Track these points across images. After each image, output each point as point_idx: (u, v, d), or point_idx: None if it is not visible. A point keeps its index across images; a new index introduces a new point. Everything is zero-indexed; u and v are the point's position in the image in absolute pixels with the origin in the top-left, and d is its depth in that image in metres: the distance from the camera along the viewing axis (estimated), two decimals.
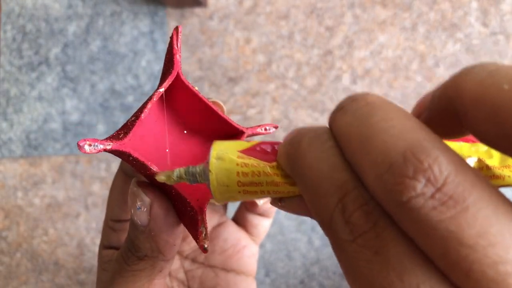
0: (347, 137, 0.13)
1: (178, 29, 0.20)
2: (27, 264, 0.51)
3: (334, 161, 0.13)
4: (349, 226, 0.12)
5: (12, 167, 0.51)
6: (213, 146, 0.16)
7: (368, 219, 0.12)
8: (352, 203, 0.12)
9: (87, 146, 0.16)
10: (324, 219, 0.13)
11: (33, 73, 0.52)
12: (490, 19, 0.50)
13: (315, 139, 0.14)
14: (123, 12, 0.51)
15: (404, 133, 0.12)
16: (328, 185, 0.13)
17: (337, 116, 0.14)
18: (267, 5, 0.51)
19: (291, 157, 0.14)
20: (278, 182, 0.16)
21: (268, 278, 0.50)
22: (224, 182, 0.16)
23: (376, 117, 0.12)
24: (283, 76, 0.50)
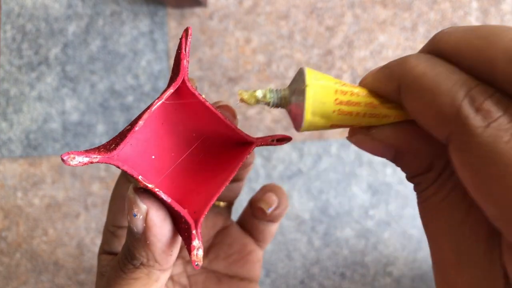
0: (464, 41, 0.13)
1: (188, 31, 0.19)
2: (26, 264, 0.51)
3: (449, 67, 0.13)
4: (482, 113, 0.12)
5: (11, 167, 0.51)
6: (307, 71, 0.16)
7: (499, 105, 0.12)
8: (481, 94, 0.13)
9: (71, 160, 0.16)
10: (449, 114, 0.13)
11: (33, 73, 0.51)
12: (490, 19, 0.50)
13: (423, 56, 0.14)
14: (123, 12, 0.51)
15: None
16: (449, 84, 0.13)
17: (444, 37, 0.14)
18: (267, 5, 0.51)
19: (396, 74, 0.15)
20: (376, 104, 0.15)
21: (268, 279, 0.50)
22: (322, 98, 0.15)
23: (489, 26, 0.13)
24: (283, 76, 0.50)
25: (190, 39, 0.19)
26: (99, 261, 0.23)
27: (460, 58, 0.14)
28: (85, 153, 0.16)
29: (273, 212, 0.25)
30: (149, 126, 0.19)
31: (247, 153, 0.19)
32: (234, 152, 0.20)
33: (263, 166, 0.50)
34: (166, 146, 0.20)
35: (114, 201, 0.23)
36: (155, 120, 0.19)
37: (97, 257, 0.24)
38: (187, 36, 0.19)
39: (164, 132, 0.20)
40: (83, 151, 0.16)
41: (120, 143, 0.17)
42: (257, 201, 0.25)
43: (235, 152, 0.20)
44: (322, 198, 0.49)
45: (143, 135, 0.19)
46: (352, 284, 0.49)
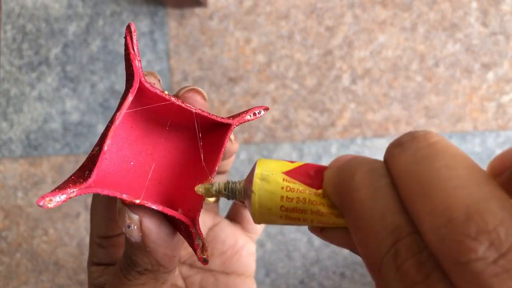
0: (406, 178, 0.12)
1: (130, 27, 0.17)
2: (27, 264, 0.51)
3: (389, 202, 0.12)
4: (400, 274, 0.11)
5: (12, 167, 0.51)
6: (258, 165, 0.16)
7: (420, 269, 0.11)
8: (406, 250, 0.12)
9: (48, 203, 0.15)
10: (373, 261, 0.12)
11: (33, 73, 0.52)
12: (490, 19, 0.50)
13: (370, 174, 0.13)
14: (123, 12, 0.52)
15: (469, 187, 0.11)
16: (381, 227, 0.12)
17: (395, 153, 0.13)
18: (267, 5, 0.51)
19: (341, 188, 0.14)
20: (323, 213, 0.15)
21: (268, 278, 0.50)
22: (267, 205, 0.15)
23: (439, 162, 0.12)
24: (283, 76, 0.50)
25: (135, 36, 0.17)
26: (90, 273, 0.22)
27: (402, 191, 0.12)
28: (60, 191, 0.15)
29: None
30: (118, 135, 0.18)
31: (227, 136, 0.19)
32: (214, 139, 0.19)
33: None
34: (141, 148, 0.19)
35: (95, 211, 0.22)
36: (123, 127, 0.19)
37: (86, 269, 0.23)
38: (131, 34, 0.17)
39: (136, 135, 0.19)
40: (57, 190, 0.15)
41: (94, 169, 0.16)
42: None
43: (216, 139, 0.19)
44: None
45: (115, 146, 0.18)
46: (352, 284, 0.49)
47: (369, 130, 0.49)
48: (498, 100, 0.50)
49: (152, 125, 0.19)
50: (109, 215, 0.21)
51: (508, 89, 0.50)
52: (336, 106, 0.50)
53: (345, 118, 0.50)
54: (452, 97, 0.50)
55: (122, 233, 0.22)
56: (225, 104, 0.50)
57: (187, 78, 0.51)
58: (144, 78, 0.17)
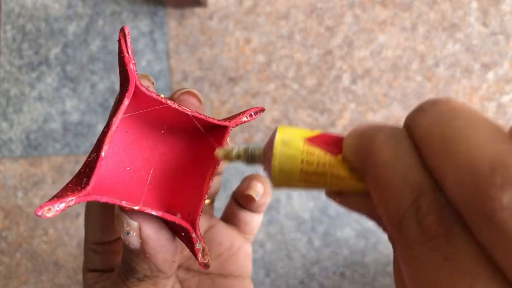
0: (428, 138, 0.12)
1: (124, 30, 0.17)
2: (27, 264, 0.51)
3: (411, 162, 0.13)
4: (422, 227, 0.12)
5: (12, 167, 0.51)
6: (278, 130, 0.16)
7: (441, 223, 0.12)
8: (427, 206, 0.12)
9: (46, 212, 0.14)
10: (394, 218, 0.13)
11: (33, 73, 0.52)
12: (490, 19, 0.50)
13: (392, 137, 0.13)
14: (123, 12, 0.52)
15: (492, 142, 0.11)
16: (403, 185, 0.12)
17: (417, 117, 0.13)
18: (267, 5, 0.51)
19: (363, 151, 0.14)
20: (343, 176, 0.15)
21: (268, 278, 0.50)
22: (287, 168, 0.15)
23: (461, 121, 0.12)
24: (283, 76, 0.50)
25: (129, 39, 0.17)
26: (85, 279, 0.22)
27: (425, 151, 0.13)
28: (58, 199, 0.15)
29: (260, 200, 0.25)
30: (114, 140, 0.18)
31: (225, 139, 0.19)
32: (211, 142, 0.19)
33: None
34: (137, 152, 0.19)
35: (90, 217, 0.22)
36: (118, 131, 0.18)
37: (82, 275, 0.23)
38: (125, 37, 0.17)
39: (131, 139, 0.19)
40: (55, 199, 0.15)
41: (91, 176, 0.16)
42: (244, 190, 0.25)
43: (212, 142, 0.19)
44: (322, 198, 0.49)
45: (110, 151, 0.18)
46: (352, 284, 0.49)
47: None
48: (498, 100, 0.50)
49: (148, 128, 0.19)
50: (104, 220, 0.21)
51: (508, 89, 0.50)
52: (336, 106, 0.50)
53: (345, 118, 0.50)
54: (452, 97, 0.50)
55: (117, 239, 0.21)
56: (225, 104, 0.50)
57: (187, 78, 0.51)
58: (139, 82, 0.17)
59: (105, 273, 0.22)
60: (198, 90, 0.50)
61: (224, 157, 0.17)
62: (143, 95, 0.17)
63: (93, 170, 0.16)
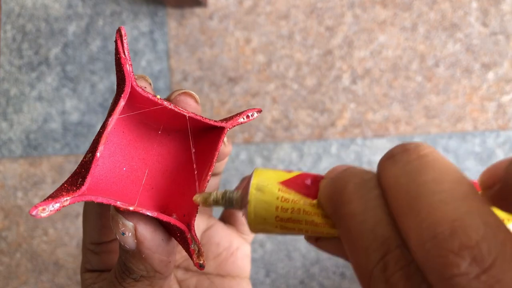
0: (394, 191, 0.12)
1: (121, 31, 0.17)
2: (27, 264, 0.51)
3: (379, 214, 0.12)
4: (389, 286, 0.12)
5: (12, 167, 0.51)
6: (254, 175, 0.16)
7: (408, 283, 0.11)
8: (394, 263, 0.12)
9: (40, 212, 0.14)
10: (363, 273, 0.12)
11: (33, 73, 0.52)
12: (490, 19, 0.50)
13: (362, 186, 0.13)
14: (123, 12, 0.52)
15: (454, 201, 0.11)
16: (370, 239, 0.12)
17: (386, 165, 0.13)
18: (267, 5, 0.51)
19: (334, 200, 0.14)
20: (318, 223, 0.15)
21: (268, 278, 0.50)
22: (262, 215, 0.15)
23: (427, 175, 0.12)
24: (283, 76, 0.50)
25: (126, 40, 0.17)
26: (83, 280, 0.22)
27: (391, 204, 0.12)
28: (53, 200, 0.15)
29: None
30: (110, 140, 0.18)
31: (221, 140, 0.19)
32: (208, 143, 0.19)
33: (263, 166, 0.50)
34: (133, 153, 0.19)
35: (87, 217, 0.21)
36: (115, 131, 0.18)
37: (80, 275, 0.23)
38: (121, 38, 0.17)
39: (128, 139, 0.19)
40: (50, 199, 0.15)
41: (87, 176, 0.16)
42: None
43: (209, 142, 0.19)
44: None
45: (106, 151, 0.18)
46: (352, 284, 0.49)
47: (369, 130, 0.49)
48: (498, 100, 0.50)
49: (144, 129, 0.19)
50: (101, 221, 0.21)
51: (508, 89, 0.50)
52: (336, 106, 0.50)
53: (345, 118, 0.50)
54: (452, 97, 0.50)
55: (115, 239, 0.21)
56: (225, 104, 0.50)
57: (187, 78, 0.51)
58: (135, 83, 0.17)
59: (103, 273, 0.22)
60: (198, 90, 0.50)
61: (203, 202, 0.17)
62: (139, 96, 0.17)
63: (88, 171, 0.16)
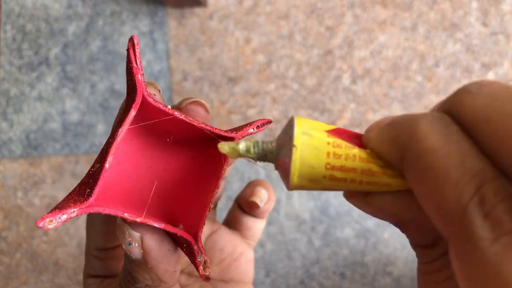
0: (484, 121, 0.11)
1: (133, 40, 0.17)
2: (27, 264, 0.51)
3: (466, 146, 0.11)
4: (490, 221, 0.10)
5: (12, 167, 0.51)
6: (296, 121, 0.14)
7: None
8: (494, 194, 0.10)
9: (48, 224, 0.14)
10: (452, 212, 0.11)
11: (33, 73, 0.52)
12: (490, 19, 0.50)
13: (437, 122, 0.12)
14: (123, 12, 0.51)
15: None
16: (460, 172, 0.11)
17: (465, 99, 0.12)
18: (267, 5, 0.51)
19: (402, 140, 0.12)
20: (375, 171, 0.13)
21: (268, 279, 0.50)
22: (310, 162, 0.13)
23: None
24: (283, 76, 0.50)
25: (138, 49, 0.17)
26: (86, 285, 0.22)
27: (483, 134, 0.11)
28: (60, 211, 0.15)
29: (264, 206, 0.25)
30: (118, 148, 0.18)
31: None
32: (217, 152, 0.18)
33: (263, 166, 0.50)
34: (141, 162, 0.19)
35: (92, 223, 0.21)
36: (123, 140, 0.18)
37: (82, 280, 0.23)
38: (134, 47, 0.17)
39: (135, 147, 0.18)
40: (57, 210, 0.15)
41: (95, 187, 0.15)
42: (248, 196, 0.25)
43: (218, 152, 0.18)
44: (322, 198, 0.49)
45: (114, 160, 0.18)
46: (352, 284, 0.49)
47: None
48: None
49: (152, 137, 0.19)
50: (107, 227, 0.21)
51: None
52: (336, 106, 0.50)
53: (345, 118, 0.49)
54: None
55: (119, 245, 0.21)
56: (225, 104, 0.50)
57: (187, 78, 0.51)
58: (147, 93, 0.17)
59: (107, 279, 0.22)
60: (198, 90, 0.50)
61: (230, 152, 0.15)
62: (150, 106, 0.17)
63: (96, 182, 0.16)
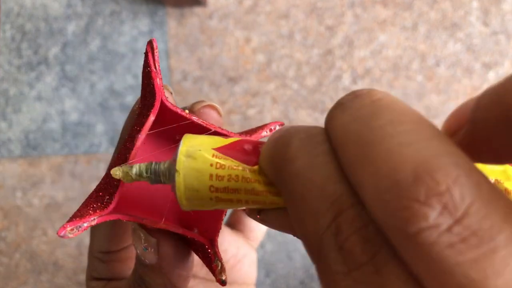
0: (344, 140, 0.10)
1: (152, 43, 0.16)
2: (26, 265, 0.51)
3: (328, 170, 0.10)
4: (343, 254, 0.10)
5: (11, 167, 0.51)
6: (183, 141, 0.14)
7: (366, 247, 0.09)
8: (348, 225, 0.10)
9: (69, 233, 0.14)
10: (312, 242, 0.10)
11: (32, 73, 0.51)
12: (491, 19, 0.50)
13: (307, 141, 0.11)
14: (122, 12, 0.51)
15: (417, 143, 0.09)
16: (319, 199, 0.10)
17: (334, 114, 0.11)
18: (267, 5, 0.51)
19: (276, 161, 0.12)
20: (259, 191, 0.13)
21: (268, 279, 0.50)
22: (194, 186, 0.13)
23: (382, 119, 0.10)
24: (283, 76, 0.50)
25: (157, 53, 0.16)
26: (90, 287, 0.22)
27: (342, 155, 0.10)
28: (80, 219, 0.14)
29: None
30: None
31: None
32: None
33: None
34: None
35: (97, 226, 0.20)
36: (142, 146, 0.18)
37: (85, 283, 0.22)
38: (153, 50, 0.16)
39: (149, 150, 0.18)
40: (77, 218, 0.14)
41: (115, 194, 0.15)
42: None
43: None
44: None
45: None
46: None
47: None
48: None
49: (166, 141, 0.19)
50: (111, 230, 0.20)
51: None
52: None
53: None
54: (453, 96, 0.50)
55: (124, 248, 0.21)
56: (225, 103, 0.50)
57: (187, 77, 0.50)
58: (165, 97, 0.16)
59: (111, 281, 0.21)
60: (198, 89, 0.50)
61: (123, 177, 0.15)
62: (167, 111, 0.17)
63: (116, 188, 0.15)
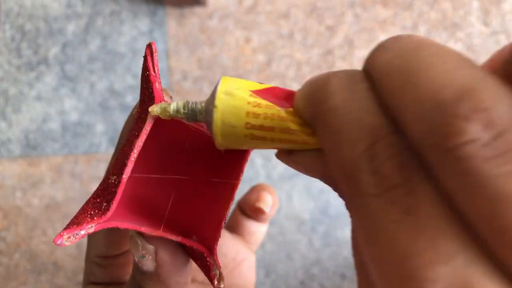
0: (388, 72, 0.10)
1: (152, 47, 0.16)
2: (26, 265, 0.50)
3: (367, 104, 0.11)
4: (377, 177, 0.10)
5: (10, 167, 0.51)
6: (222, 80, 0.14)
7: (401, 170, 0.10)
8: (384, 151, 0.10)
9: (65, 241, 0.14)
10: (344, 167, 0.10)
11: (32, 73, 0.51)
12: (491, 19, 0.50)
13: (347, 79, 0.12)
14: (122, 12, 0.51)
15: (462, 69, 0.09)
16: (357, 129, 0.10)
17: (376, 54, 0.11)
18: (267, 4, 0.50)
19: (313, 97, 0.12)
20: (293, 130, 0.13)
21: (268, 279, 0.50)
22: (231, 122, 0.13)
23: (425, 51, 0.10)
24: (283, 76, 0.50)
25: (156, 56, 0.16)
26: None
27: (383, 89, 0.11)
28: (77, 227, 0.14)
29: (269, 211, 0.25)
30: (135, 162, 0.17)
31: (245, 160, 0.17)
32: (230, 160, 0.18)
33: (263, 166, 0.50)
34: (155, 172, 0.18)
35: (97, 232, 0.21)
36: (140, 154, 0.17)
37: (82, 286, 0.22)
38: (152, 54, 0.16)
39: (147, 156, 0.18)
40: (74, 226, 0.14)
41: (112, 201, 0.15)
42: (254, 202, 0.25)
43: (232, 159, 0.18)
44: (322, 198, 0.49)
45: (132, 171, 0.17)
46: (353, 284, 0.49)
47: None
48: None
49: (165, 148, 0.18)
50: (109, 235, 0.20)
51: None
52: None
53: None
54: None
55: (122, 253, 0.21)
56: None
57: (187, 77, 0.50)
58: (164, 101, 0.16)
59: (108, 286, 0.21)
60: (198, 89, 0.50)
61: (161, 113, 0.15)
62: None
63: (114, 196, 0.15)
